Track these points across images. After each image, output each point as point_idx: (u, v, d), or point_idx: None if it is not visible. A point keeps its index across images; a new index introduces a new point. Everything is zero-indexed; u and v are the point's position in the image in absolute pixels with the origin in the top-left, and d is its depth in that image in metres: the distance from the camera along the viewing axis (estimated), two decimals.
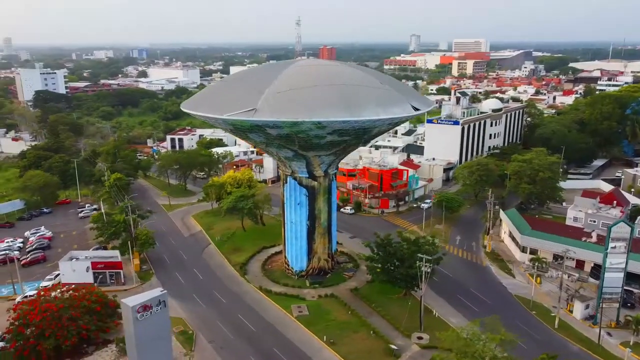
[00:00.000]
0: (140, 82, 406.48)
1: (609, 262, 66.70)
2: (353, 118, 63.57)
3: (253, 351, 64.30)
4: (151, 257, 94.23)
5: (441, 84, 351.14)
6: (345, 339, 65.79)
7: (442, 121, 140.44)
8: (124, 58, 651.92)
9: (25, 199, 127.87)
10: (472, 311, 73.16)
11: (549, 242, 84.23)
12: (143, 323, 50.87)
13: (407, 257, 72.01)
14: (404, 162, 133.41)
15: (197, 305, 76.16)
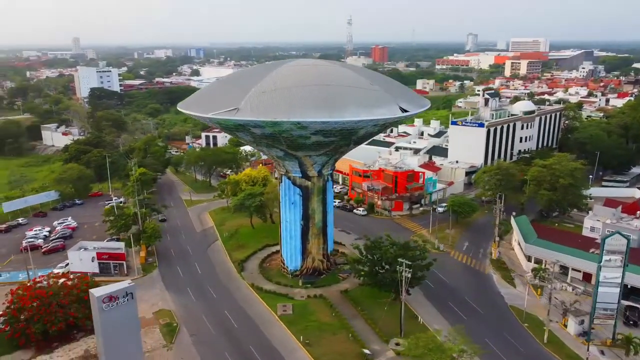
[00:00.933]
0: (192, 81, 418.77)
1: (602, 276, 62.89)
2: (332, 119, 63.31)
3: (230, 347, 65.38)
4: (159, 249, 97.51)
5: (489, 84, 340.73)
6: (322, 341, 65.66)
7: (466, 123, 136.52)
8: (181, 57, 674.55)
9: (60, 190, 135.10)
10: (460, 319, 70.97)
11: (553, 252, 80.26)
12: (109, 313, 53.12)
13: (393, 261, 70.74)
14: (424, 164, 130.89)
15: (188, 299, 78.20)
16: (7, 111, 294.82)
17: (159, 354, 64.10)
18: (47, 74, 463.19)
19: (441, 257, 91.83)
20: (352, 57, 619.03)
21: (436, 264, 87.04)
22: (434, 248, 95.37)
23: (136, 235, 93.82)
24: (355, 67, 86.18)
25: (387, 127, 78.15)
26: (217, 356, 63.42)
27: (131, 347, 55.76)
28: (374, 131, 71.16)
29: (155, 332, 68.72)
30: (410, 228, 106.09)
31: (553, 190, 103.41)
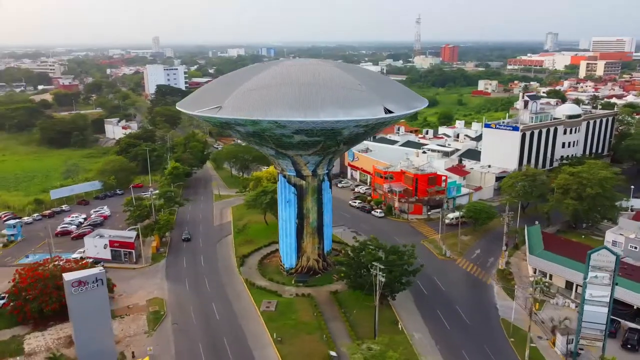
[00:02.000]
0: None
1: (588, 294, 58.47)
2: (306, 118, 63.27)
3: (205, 338, 67.23)
4: (173, 240, 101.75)
5: (557, 86, 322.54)
6: (294, 339, 65.93)
7: (500, 126, 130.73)
8: (251, 56, 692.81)
9: (103, 180, 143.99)
10: (443, 329, 68.85)
11: (557, 265, 75.48)
12: (79, 297, 56.56)
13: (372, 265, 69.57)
14: (452, 167, 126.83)
15: (182, 289, 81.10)
16: (83, 105, 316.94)
17: (139, 339, 67.14)
18: (125, 72, 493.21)
19: (446, 264, 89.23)
20: (420, 57, 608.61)
21: (438, 271, 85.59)
22: (441, 254, 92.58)
23: (150, 225, 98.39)
24: (351, 67, 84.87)
25: (379, 128, 76.45)
26: (190, 346, 65.47)
27: (101, 330, 58.94)
28: (360, 132, 70.15)
29: (142, 318, 72.03)
30: (424, 232, 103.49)
31: (580, 199, 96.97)
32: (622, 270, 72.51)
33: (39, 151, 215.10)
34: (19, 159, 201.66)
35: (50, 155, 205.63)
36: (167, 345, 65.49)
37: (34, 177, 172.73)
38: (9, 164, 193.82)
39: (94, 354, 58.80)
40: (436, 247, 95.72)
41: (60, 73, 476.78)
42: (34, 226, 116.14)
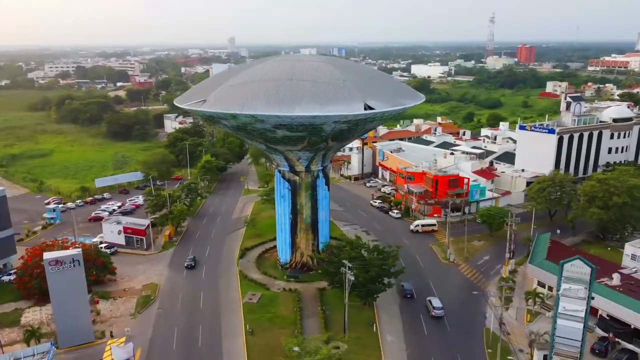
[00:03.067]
0: None
1: (562, 307, 54.25)
2: (279, 113, 63.56)
3: (182, 324, 69.46)
4: (189, 230, 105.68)
5: (636, 89, 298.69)
6: (265, 332, 66.48)
7: (535, 128, 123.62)
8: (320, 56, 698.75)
9: (144, 171, 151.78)
10: (419, 334, 66.77)
11: (553, 275, 70.44)
12: (56, 276, 60.63)
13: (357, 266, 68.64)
14: (481, 170, 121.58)
15: (179, 277, 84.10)
16: (152, 102, 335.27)
17: (123, 320, 70.58)
18: (199, 70, 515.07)
19: (448, 268, 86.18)
20: (493, 57, 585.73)
21: (437, 275, 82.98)
22: (445, 259, 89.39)
23: (165, 215, 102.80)
24: (345, 63, 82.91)
25: (368, 126, 74.30)
26: (166, 331, 67.90)
27: (79, 308, 62.73)
28: (344, 128, 69.27)
29: (132, 301, 75.62)
30: (437, 235, 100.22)
31: (606, 208, 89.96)
32: (626, 286, 66.87)
33: (103, 143, 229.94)
34: (85, 150, 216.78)
35: (113, 147, 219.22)
36: (145, 329, 68.35)
37: (92, 167, 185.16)
38: (75, 154, 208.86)
39: (72, 330, 62.84)
40: (443, 250, 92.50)
41: (139, 71, 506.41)
42: (75, 211, 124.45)
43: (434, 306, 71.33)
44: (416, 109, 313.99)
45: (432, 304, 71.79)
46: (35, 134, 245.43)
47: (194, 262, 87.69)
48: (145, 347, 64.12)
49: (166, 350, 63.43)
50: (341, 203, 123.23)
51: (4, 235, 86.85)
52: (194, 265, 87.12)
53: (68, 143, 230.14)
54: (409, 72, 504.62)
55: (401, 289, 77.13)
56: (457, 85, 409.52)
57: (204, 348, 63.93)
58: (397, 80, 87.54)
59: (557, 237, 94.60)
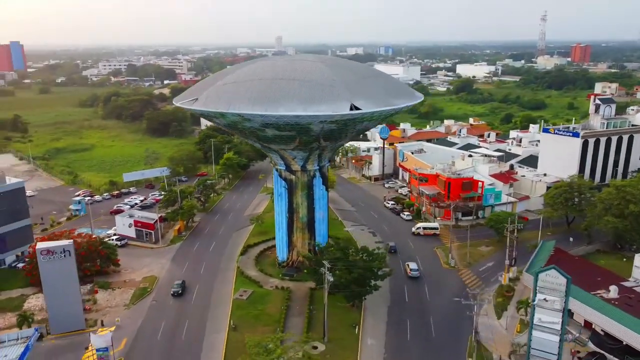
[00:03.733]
0: None
1: (537, 318, 52.16)
2: (264, 112, 64.05)
3: (171, 317, 71.26)
4: (200, 225, 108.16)
5: None
6: (248, 329, 67.15)
7: (558, 131, 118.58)
8: (367, 54, 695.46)
9: (171, 167, 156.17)
10: (401, 340, 65.78)
11: None
12: (47, 264, 63.72)
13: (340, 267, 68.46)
14: (500, 173, 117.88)
15: (179, 271, 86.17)
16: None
17: (116, 310, 73.22)
18: None
19: (447, 273, 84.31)
20: (544, 57, 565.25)
21: (434, 280, 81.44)
22: (446, 263, 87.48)
23: (176, 210, 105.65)
24: (339, 63, 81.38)
25: (359, 126, 73.20)
26: (155, 322, 69.87)
27: (69, 296, 65.54)
28: (333, 128, 68.98)
29: (129, 292, 78.26)
30: (443, 239, 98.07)
31: (621, 217, 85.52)
32: (624, 299, 63.44)
33: (142, 139, 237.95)
34: (124, 145, 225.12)
35: (150, 143, 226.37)
36: (136, 319, 70.60)
37: (128, 162, 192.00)
38: (115, 149, 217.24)
39: (63, 317, 65.81)
40: (448, 254, 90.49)
41: (187, 70, 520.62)
42: (101, 204, 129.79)
43: (411, 268, 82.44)
44: (455, 110, 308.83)
45: (410, 267, 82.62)
46: (81, 129, 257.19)
47: (181, 289, 76.87)
48: (132, 337, 66.29)
49: (150, 342, 65.32)
50: (355, 203, 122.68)
51: (22, 225, 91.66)
52: (182, 292, 76.39)
53: (110, 138, 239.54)
54: (454, 72, 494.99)
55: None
56: (502, 85, 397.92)
57: (186, 341, 65.40)
58: (395, 80, 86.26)
59: (569, 245, 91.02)
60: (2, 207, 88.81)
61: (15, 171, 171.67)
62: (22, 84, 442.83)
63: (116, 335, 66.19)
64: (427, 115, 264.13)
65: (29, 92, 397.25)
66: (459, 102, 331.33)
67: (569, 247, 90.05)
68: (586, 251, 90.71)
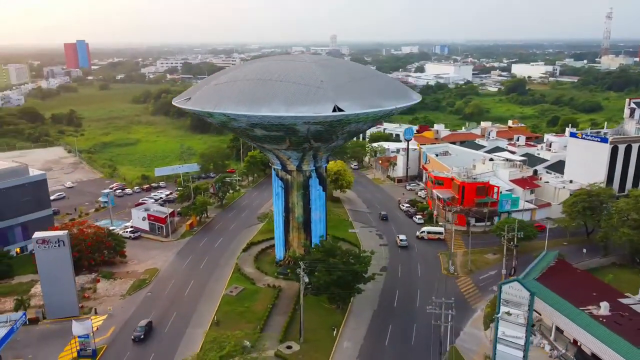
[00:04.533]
0: (410, 77, 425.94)
1: (501, 332, 50.12)
2: (244, 112, 64.92)
3: (161, 309, 73.60)
4: (213, 221, 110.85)
5: None
6: (230, 325, 68.08)
7: (586, 136, 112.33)
8: (421, 53, 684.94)
9: (201, 164, 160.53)
10: (378, 345, 64.92)
11: (539, 300, 64.47)
12: (42, 253, 67.63)
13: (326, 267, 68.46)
14: (521, 179, 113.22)
15: (180, 265, 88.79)
16: None
17: (113, 299, 76.49)
18: None
19: (444, 280, 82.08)
20: (608, 57, 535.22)
21: (429, 285, 79.68)
22: (445, 269, 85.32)
23: (189, 206, 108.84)
24: (334, 63, 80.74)
25: (347, 128, 72.21)
26: (145, 313, 72.34)
27: (64, 284, 69.11)
28: (320, 129, 68.86)
29: (129, 283, 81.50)
30: (448, 244, 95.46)
31: (638, 229, 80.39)
32: (614, 317, 59.73)
33: (185, 135, 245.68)
34: (167, 141, 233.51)
35: (191, 140, 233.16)
36: (128, 310, 73.47)
37: (167, 157, 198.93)
38: (158, 145, 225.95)
39: (58, 303, 69.56)
40: (452, 261, 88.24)
41: None
42: (131, 197, 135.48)
43: (400, 239, 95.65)
44: (503, 111, 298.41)
45: (399, 238, 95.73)
46: (130, 125, 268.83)
47: (143, 334, 65.65)
48: (120, 326, 69.10)
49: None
50: (370, 204, 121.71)
51: (44, 214, 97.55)
52: (143, 337, 65.41)
53: (155, 134, 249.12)
54: (509, 72, 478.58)
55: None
56: (557, 86, 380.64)
57: (168, 334, 67.41)
58: (393, 82, 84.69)
59: (582, 256, 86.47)
60: (25, 197, 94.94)
61: (62, 163, 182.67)
62: (85, 80, 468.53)
63: (106, 324, 69.93)
64: (472, 116, 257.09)
65: (90, 89, 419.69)
66: (508, 103, 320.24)
67: (582, 259, 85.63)
68: (600, 264, 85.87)
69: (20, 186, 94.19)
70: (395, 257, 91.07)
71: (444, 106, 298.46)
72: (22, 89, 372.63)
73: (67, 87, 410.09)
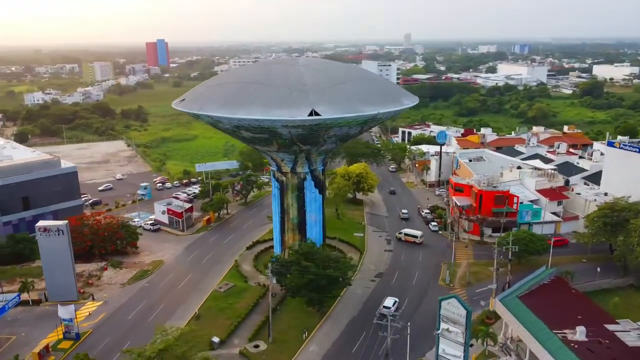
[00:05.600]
0: (479, 78, 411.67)
1: (441, 349, 48.15)
2: (220, 114, 66.57)
3: (153, 298, 77.22)
4: (232, 218, 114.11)
5: None
6: (208, 320, 70.56)
7: (625, 145, 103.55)
8: (496, 53, 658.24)
9: (240, 161, 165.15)
10: (345, 352, 64.41)
11: (512, 317, 61.07)
12: (44, 240, 73.29)
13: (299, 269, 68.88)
14: (550, 189, 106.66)
15: (185, 259, 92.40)
16: None
17: (113, 287, 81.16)
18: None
19: (438, 291, 79.41)
20: None
21: (419, 295, 77.97)
22: (442, 280, 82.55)
23: (207, 202, 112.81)
24: (325, 66, 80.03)
25: (332, 131, 71.35)
26: (137, 302, 76.23)
27: (64, 270, 74.43)
28: (303, 133, 69.06)
29: (132, 273, 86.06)
30: (458, 255, 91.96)
31: None
32: (589, 344, 55.45)
33: None
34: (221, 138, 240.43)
35: None
36: (123, 298, 77.73)
37: (217, 153, 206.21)
38: (212, 141, 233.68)
39: (58, 287, 75.07)
40: (454, 271, 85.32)
41: None
42: (170, 191, 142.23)
43: (402, 212, 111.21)
44: (572, 115, 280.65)
45: (402, 211, 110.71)
46: (192, 121, 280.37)
47: None
48: (110, 313, 73.40)
49: (121, 319, 71.55)
50: (392, 209, 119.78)
51: (73, 204, 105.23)
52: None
53: (213, 130, 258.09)
54: (589, 73, 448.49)
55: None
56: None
57: (150, 324, 70.25)
58: (388, 86, 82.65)
59: (595, 275, 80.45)
60: (56, 187, 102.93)
61: (119, 156, 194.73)
62: (161, 78, 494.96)
63: (99, 310, 74.54)
64: (535, 120, 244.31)
65: (164, 85, 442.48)
66: (580, 107, 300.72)
67: (593, 278, 79.70)
68: (615, 285, 79.36)
69: (52, 177, 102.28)
70: (395, 263, 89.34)
71: (507, 109, 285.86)
72: (102, 85, 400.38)
73: (143, 84, 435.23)
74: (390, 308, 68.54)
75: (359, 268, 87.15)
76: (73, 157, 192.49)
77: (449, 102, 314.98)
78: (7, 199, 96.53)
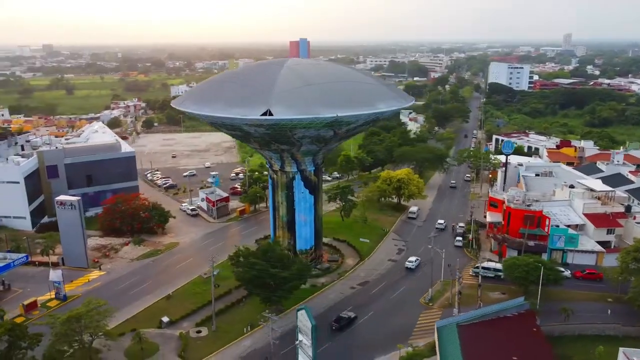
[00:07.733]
0: (634, 84, 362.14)
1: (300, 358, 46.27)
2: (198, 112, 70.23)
3: (147, 276, 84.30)
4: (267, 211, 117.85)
5: None
6: (177, 301, 75.60)
7: None
8: None
9: None
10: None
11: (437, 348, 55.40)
12: (61, 212, 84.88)
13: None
14: (603, 214, 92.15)
15: (199, 243, 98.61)
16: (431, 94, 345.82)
17: (122, 261, 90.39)
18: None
19: (416, 309, 74.76)
20: None
21: (393, 312, 75.01)
22: (423, 298, 77.19)
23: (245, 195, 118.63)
24: (317, 68, 77.43)
25: (299, 132, 69.67)
26: (131, 276, 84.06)
27: (76, 240, 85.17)
28: (267, 132, 69.90)
29: (144, 250, 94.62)
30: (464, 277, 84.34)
31: None
32: None
33: None
34: None
35: None
36: (123, 271, 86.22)
37: None
38: None
39: (72, 255, 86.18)
40: (441, 291, 79.34)
41: (444, 68, 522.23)
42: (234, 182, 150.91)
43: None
44: None
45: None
46: None
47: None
48: (105, 282, 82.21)
49: (108, 290, 79.07)
50: (431, 218, 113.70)
51: (130, 185, 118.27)
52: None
53: None
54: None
55: None
56: None
57: (130, 297, 77.24)
58: (377, 89, 77.88)
59: (605, 318, 68.86)
60: (117, 169, 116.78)
61: (220, 147, 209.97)
62: None
63: (99, 279, 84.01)
64: None
65: None
66: None
67: (601, 321, 68.16)
68: (625, 332, 66.68)
69: (113, 160, 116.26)
70: (388, 274, 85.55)
71: None
72: None
73: None
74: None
75: (349, 274, 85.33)
76: (182, 145, 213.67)
77: (583, 110, 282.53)
78: (74, 176, 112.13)
